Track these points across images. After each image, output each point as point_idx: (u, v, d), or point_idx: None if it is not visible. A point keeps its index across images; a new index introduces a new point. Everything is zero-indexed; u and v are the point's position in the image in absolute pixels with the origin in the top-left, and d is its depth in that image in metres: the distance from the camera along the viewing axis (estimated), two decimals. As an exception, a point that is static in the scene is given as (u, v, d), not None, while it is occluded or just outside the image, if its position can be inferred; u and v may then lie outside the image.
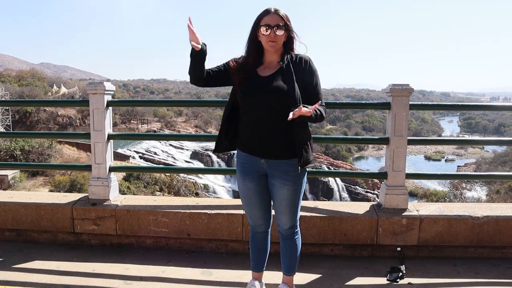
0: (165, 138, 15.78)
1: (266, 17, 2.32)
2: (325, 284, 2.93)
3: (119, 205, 3.59)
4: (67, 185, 21.69)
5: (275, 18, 2.30)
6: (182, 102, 14.39)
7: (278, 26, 2.29)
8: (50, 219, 3.61)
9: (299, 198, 2.48)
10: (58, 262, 3.26)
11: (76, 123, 43.52)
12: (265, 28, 2.29)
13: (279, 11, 2.32)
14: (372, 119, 74.47)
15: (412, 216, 3.35)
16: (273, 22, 2.29)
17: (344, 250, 3.43)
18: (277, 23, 2.29)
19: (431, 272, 3.12)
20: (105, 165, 3.67)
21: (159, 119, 49.45)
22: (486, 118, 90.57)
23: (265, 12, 2.34)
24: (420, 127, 77.69)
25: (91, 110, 3.63)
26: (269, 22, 2.29)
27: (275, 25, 2.29)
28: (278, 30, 2.29)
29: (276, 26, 2.29)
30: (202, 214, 3.46)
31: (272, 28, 2.28)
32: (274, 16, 2.31)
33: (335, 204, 3.65)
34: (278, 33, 2.29)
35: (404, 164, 3.48)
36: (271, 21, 2.29)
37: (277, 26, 2.29)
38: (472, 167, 49.32)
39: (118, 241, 3.61)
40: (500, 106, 4.08)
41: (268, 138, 2.36)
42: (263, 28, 2.30)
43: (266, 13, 2.33)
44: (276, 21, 2.29)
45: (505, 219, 3.33)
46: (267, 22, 2.30)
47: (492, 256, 3.38)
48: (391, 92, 3.41)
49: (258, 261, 2.69)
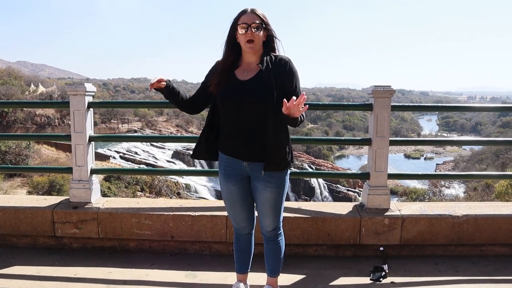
0: (147, 140, 15.64)
1: (242, 16, 2.30)
2: (309, 285, 2.94)
3: (101, 208, 3.54)
4: (46, 186, 21.24)
5: (252, 17, 2.29)
6: (164, 104, 14.28)
7: (256, 25, 2.27)
8: (30, 223, 3.54)
9: (282, 200, 2.48)
10: (39, 267, 3.20)
11: (54, 123, 42.67)
12: (242, 28, 2.28)
13: (256, 10, 2.31)
14: (353, 118, 75.27)
15: (394, 216, 3.40)
16: (250, 21, 2.27)
17: (327, 251, 3.46)
18: (254, 21, 2.28)
19: (413, 271, 3.17)
20: (86, 168, 3.62)
21: (140, 119, 48.88)
22: (464, 117, 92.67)
23: (241, 12, 2.33)
24: (400, 126, 78.88)
25: (72, 112, 3.57)
26: (246, 21, 2.28)
27: (252, 23, 2.27)
28: (255, 29, 2.27)
29: (253, 24, 2.27)
30: (186, 216, 3.44)
31: (249, 26, 2.27)
32: (250, 15, 2.29)
33: (319, 204, 3.67)
34: (255, 31, 2.28)
35: (386, 164, 3.53)
36: (248, 20, 2.28)
37: (255, 24, 2.27)
38: (451, 165, 50.34)
39: (100, 245, 3.56)
40: (478, 107, 4.17)
41: (251, 141, 2.35)
42: (240, 28, 2.29)
43: (242, 13, 2.32)
44: (253, 20, 2.28)
45: (483, 217, 3.41)
46: (244, 21, 2.28)
47: (471, 254, 3.46)
48: (373, 94, 3.45)
49: (242, 263, 2.69)
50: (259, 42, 2.33)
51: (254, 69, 2.37)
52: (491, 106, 4.17)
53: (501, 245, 3.47)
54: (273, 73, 2.32)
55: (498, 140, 4.48)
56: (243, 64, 2.40)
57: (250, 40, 2.28)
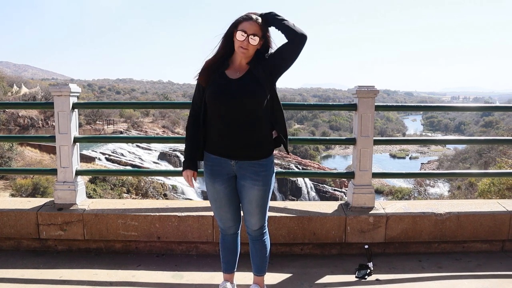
0: (133, 140, 15.50)
1: (245, 22, 2.30)
2: (295, 283, 2.97)
3: (86, 209, 3.52)
4: (30, 188, 20.90)
5: (253, 26, 2.29)
6: (150, 104, 14.17)
7: (254, 35, 2.29)
8: (14, 226, 3.49)
9: (268, 199, 2.51)
10: (23, 270, 3.16)
11: (38, 124, 42.03)
12: (241, 34, 2.28)
13: (259, 21, 2.32)
14: (339, 118, 75.83)
15: (378, 214, 3.45)
16: (250, 30, 2.28)
17: (313, 249, 3.49)
18: (254, 32, 2.29)
19: (398, 268, 3.22)
20: (71, 169, 3.59)
21: (125, 120, 48.41)
22: (448, 117, 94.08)
23: (246, 17, 2.32)
24: (385, 126, 79.70)
25: (56, 113, 3.53)
26: (246, 29, 2.28)
27: (252, 34, 2.28)
28: (252, 39, 2.28)
29: (252, 34, 2.28)
30: (172, 216, 3.43)
31: (247, 35, 2.28)
32: (253, 25, 2.30)
33: (304, 204, 3.71)
34: (252, 42, 2.29)
35: (371, 163, 3.58)
36: (248, 28, 2.28)
37: (254, 34, 2.29)
38: (435, 164, 51.00)
39: (86, 246, 3.54)
40: (462, 107, 4.25)
41: (239, 139, 2.37)
42: (239, 33, 2.29)
43: (246, 18, 2.32)
44: (254, 31, 2.29)
45: (465, 214, 3.48)
46: (244, 28, 2.29)
47: (454, 250, 3.53)
48: (357, 94, 3.50)
49: (229, 262, 2.70)
50: (252, 51, 2.35)
51: (244, 68, 2.40)
52: (474, 106, 4.25)
53: (482, 242, 3.54)
54: (262, 68, 2.35)
55: (481, 139, 4.58)
56: (234, 64, 2.42)
57: (245, 48, 2.30)
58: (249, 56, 2.37)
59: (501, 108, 6.17)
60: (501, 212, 3.52)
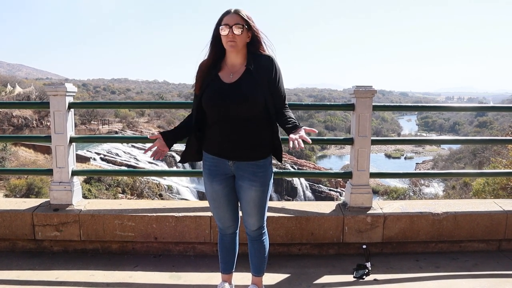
0: (128, 140, 15.48)
1: (226, 17, 2.30)
2: (294, 284, 2.96)
3: (82, 210, 3.49)
4: (24, 189, 20.77)
5: (234, 18, 2.29)
6: (146, 104, 14.13)
7: (237, 26, 2.27)
8: (8, 227, 3.46)
9: (266, 199, 2.50)
10: (18, 271, 3.13)
11: (32, 124, 41.80)
12: (224, 28, 2.28)
13: (239, 11, 2.31)
14: (334, 118, 75.94)
15: (376, 214, 3.45)
16: (232, 22, 2.27)
17: (311, 249, 3.49)
18: (235, 22, 2.27)
19: (395, 268, 3.23)
20: (67, 169, 3.56)
21: (120, 120, 48.23)
22: (442, 117, 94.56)
23: (225, 13, 2.33)
24: (381, 126, 79.94)
25: (52, 112, 3.51)
26: (228, 22, 2.28)
27: (234, 24, 2.27)
28: (236, 29, 2.27)
29: (234, 24, 2.27)
30: (169, 217, 3.42)
31: (230, 27, 2.27)
32: (233, 16, 2.29)
33: (302, 204, 3.70)
34: (236, 32, 2.27)
35: (368, 163, 3.58)
36: (230, 21, 2.28)
37: (236, 24, 2.27)
38: (430, 164, 51.25)
39: (82, 247, 3.51)
40: (456, 107, 4.26)
41: (237, 141, 2.36)
42: (222, 27, 2.29)
43: (226, 13, 2.32)
44: (235, 21, 2.27)
45: (462, 214, 3.49)
46: (226, 22, 2.28)
47: (451, 250, 3.54)
48: (355, 94, 3.50)
49: (227, 263, 2.68)
50: (240, 43, 2.32)
51: (239, 70, 2.37)
52: (468, 106, 4.26)
53: (479, 241, 3.56)
54: (257, 73, 2.33)
55: (475, 139, 4.61)
56: (227, 66, 2.40)
57: (231, 40, 2.29)
58: (239, 50, 2.34)
59: (495, 108, 6.21)
60: (497, 212, 3.53)
